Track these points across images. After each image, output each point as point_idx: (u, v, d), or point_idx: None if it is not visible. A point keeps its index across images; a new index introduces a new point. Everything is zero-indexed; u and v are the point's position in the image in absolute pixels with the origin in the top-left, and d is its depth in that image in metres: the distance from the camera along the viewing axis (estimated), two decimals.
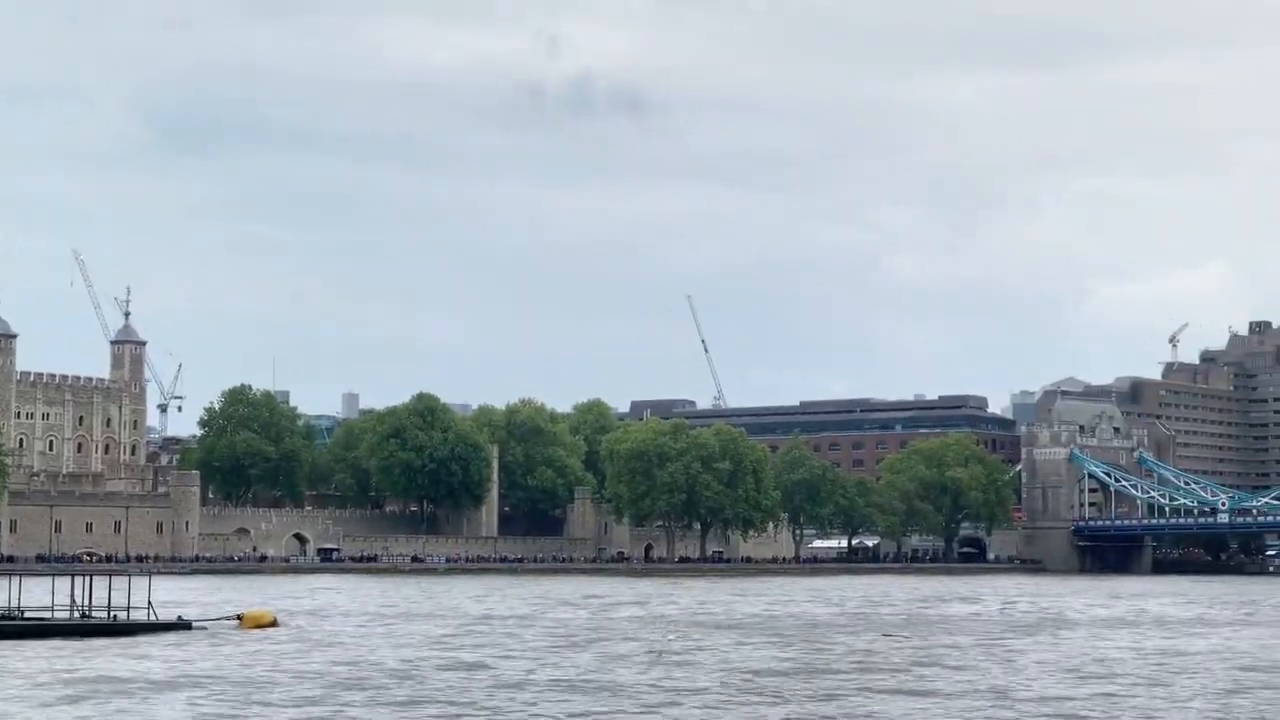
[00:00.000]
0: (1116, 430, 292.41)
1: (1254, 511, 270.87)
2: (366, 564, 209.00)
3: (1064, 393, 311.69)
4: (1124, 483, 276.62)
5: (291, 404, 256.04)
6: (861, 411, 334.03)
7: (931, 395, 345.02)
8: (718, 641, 72.09)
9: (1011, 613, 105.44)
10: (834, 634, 78.57)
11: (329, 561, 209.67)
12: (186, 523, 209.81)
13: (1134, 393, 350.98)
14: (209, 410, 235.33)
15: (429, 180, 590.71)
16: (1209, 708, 46.45)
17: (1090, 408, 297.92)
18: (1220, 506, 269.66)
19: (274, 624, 77.69)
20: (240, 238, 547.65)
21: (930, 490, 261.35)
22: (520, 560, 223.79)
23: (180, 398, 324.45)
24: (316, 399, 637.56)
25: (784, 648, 68.36)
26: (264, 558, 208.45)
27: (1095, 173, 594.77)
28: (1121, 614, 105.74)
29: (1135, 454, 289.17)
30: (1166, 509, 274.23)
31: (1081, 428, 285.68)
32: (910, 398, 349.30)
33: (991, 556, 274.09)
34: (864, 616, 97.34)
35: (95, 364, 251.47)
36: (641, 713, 43.97)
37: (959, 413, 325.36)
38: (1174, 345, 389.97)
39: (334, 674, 52.86)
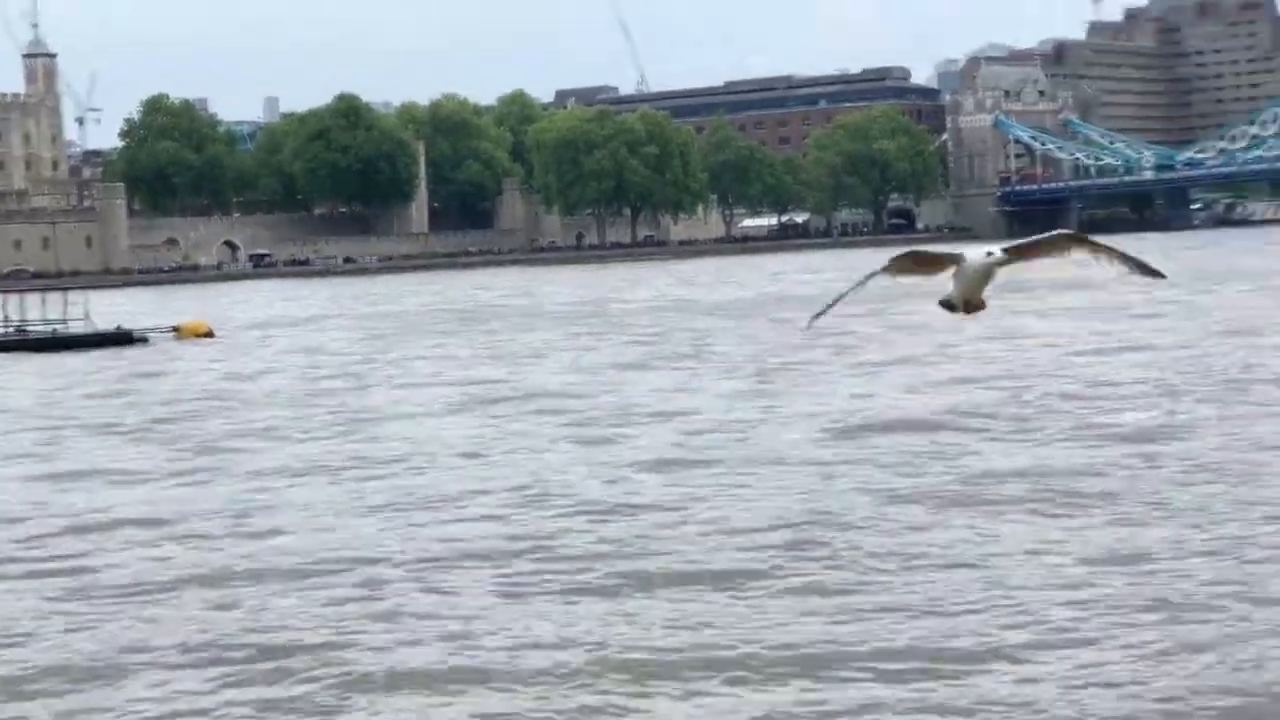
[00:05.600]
0: (1041, 94, 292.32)
1: (1178, 166, 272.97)
2: (299, 267, 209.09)
3: (987, 59, 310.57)
4: (1050, 145, 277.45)
5: (211, 110, 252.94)
6: (785, 89, 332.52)
7: (854, 69, 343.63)
8: None
9: None
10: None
11: (261, 267, 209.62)
12: (115, 235, 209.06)
13: (1058, 54, 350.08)
14: (128, 121, 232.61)
15: None
16: None
17: (1014, 72, 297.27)
18: (1145, 163, 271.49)
19: (210, 334, 77.55)
20: None
21: (858, 164, 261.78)
22: (452, 255, 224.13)
23: (98, 110, 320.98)
24: (236, 105, 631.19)
25: None
26: (196, 266, 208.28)
27: None
28: None
29: (1061, 116, 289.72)
30: (1092, 169, 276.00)
31: (1006, 93, 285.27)
32: (833, 72, 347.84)
33: (921, 226, 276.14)
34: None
35: (6, 83, 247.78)
36: None
37: (883, 85, 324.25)
38: (1096, 3, 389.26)
39: (278, 383, 53.07)
